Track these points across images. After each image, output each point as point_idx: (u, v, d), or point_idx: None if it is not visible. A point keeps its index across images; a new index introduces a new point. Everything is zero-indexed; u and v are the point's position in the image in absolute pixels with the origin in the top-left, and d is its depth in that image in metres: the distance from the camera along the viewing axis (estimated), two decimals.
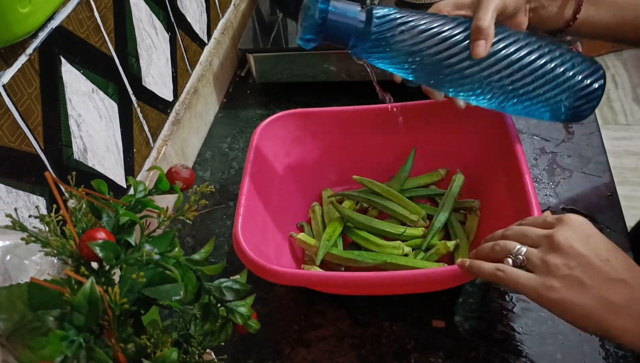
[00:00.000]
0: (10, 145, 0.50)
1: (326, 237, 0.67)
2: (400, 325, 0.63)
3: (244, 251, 0.56)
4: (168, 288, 0.40)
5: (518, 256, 0.47)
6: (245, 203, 0.62)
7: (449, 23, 0.55)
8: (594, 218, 0.69)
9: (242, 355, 0.62)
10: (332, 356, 0.61)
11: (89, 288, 0.35)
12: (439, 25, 0.54)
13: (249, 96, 0.99)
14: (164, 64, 0.79)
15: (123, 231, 0.42)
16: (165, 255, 0.41)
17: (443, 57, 0.55)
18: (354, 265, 0.66)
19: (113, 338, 0.37)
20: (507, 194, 0.63)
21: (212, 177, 0.85)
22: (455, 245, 0.66)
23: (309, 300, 0.66)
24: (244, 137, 0.91)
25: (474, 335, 0.61)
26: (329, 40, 0.55)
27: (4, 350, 0.37)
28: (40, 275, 0.41)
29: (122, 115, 0.68)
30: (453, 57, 0.55)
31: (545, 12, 0.60)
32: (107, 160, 0.65)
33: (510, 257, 0.47)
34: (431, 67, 0.55)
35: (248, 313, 0.45)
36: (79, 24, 0.59)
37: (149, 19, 0.74)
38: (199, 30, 0.91)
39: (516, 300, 0.63)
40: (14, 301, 0.37)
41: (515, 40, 0.56)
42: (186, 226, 0.77)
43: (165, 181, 0.47)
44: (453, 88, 0.58)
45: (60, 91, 0.56)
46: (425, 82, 0.58)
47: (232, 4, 1.05)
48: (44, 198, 0.54)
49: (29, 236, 0.38)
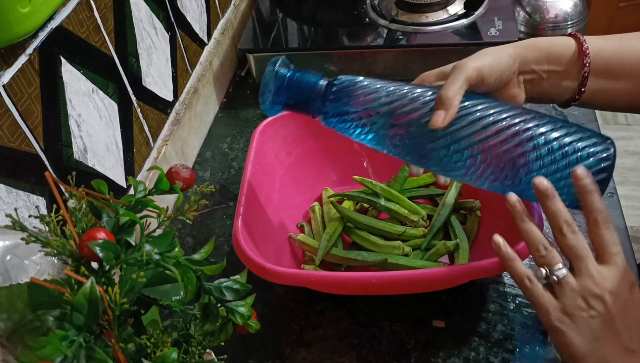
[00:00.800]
0: (10, 145, 0.50)
1: (326, 237, 0.67)
2: (400, 325, 0.63)
3: (244, 251, 0.56)
4: (168, 288, 0.40)
5: (554, 276, 0.45)
6: (245, 203, 0.62)
7: (418, 90, 0.50)
8: None
9: (242, 355, 0.62)
10: (332, 356, 0.61)
11: (89, 288, 0.35)
12: (406, 91, 0.50)
13: (249, 96, 0.99)
14: (164, 64, 0.79)
15: (123, 231, 0.42)
16: (165, 255, 0.41)
17: (405, 124, 0.50)
18: (354, 265, 0.66)
19: (113, 338, 0.37)
20: None
21: (212, 177, 0.85)
22: (455, 245, 0.66)
23: (309, 300, 0.66)
24: (244, 137, 0.91)
25: (474, 335, 0.61)
26: (290, 107, 0.54)
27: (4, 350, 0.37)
28: (40, 275, 0.41)
29: (122, 115, 0.68)
30: (412, 126, 0.49)
31: (547, 84, 0.54)
32: (107, 160, 0.65)
33: (545, 269, 0.45)
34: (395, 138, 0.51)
35: (248, 313, 0.45)
36: (79, 24, 0.59)
37: (149, 19, 0.74)
38: (199, 30, 0.91)
39: (516, 300, 0.63)
40: (14, 301, 0.37)
41: (495, 112, 0.49)
42: (186, 226, 0.77)
43: (165, 181, 0.47)
44: (418, 161, 0.52)
45: (60, 91, 0.56)
46: (391, 153, 0.53)
47: (232, 4, 1.05)
48: (44, 198, 0.54)
49: (29, 236, 0.38)
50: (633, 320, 0.43)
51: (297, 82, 0.52)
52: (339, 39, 0.96)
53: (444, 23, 0.92)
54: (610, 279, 0.44)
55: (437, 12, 0.94)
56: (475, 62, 0.50)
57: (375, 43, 0.92)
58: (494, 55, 0.52)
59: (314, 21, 1.04)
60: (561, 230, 0.45)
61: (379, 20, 0.95)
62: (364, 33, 0.95)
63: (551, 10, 1.00)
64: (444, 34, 0.90)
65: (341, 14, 1.02)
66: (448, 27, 0.91)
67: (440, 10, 0.94)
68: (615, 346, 0.43)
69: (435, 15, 0.93)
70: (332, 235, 0.68)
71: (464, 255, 0.65)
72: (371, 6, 0.99)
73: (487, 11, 0.93)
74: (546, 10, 1.00)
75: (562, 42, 0.53)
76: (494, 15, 0.91)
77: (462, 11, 0.94)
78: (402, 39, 0.91)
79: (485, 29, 0.89)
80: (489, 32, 0.88)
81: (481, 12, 0.92)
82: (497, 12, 0.92)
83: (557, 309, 0.44)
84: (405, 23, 0.93)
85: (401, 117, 0.50)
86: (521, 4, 1.01)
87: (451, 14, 0.93)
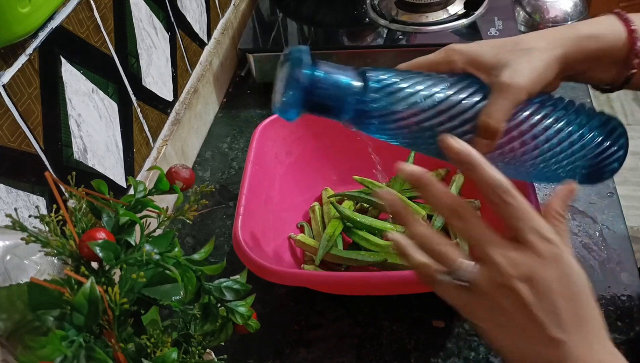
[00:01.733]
0: (10, 145, 0.50)
1: (326, 237, 0.67)
2: (400, 325, 0.63)
3: (244, 251, 0.56)
4: (168, 288, 0.40)
5: (457, 279, 0.38)
6: (245, 203, 0.62)
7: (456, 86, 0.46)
8: (594, 218, 0.69)
9: (242, 355, 0.62)
10: (332, 356, 0.61)
11: (89, 288, 0.35)
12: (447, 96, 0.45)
13: (249, 96, 0.99)
14: (164, 64, 0.79)
15: (123, 231, 0.42)
16: (165, 255, 0.41)
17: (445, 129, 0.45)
18: (354, 264, 0.66)
19: (113, 338, 0.37)
20: None
21: (212, 177, 0.85)
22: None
23: (309, 300, 0.66)
24: (244, 137, 0.91)
25: (474, 335, 0.61)
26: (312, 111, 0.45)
27: (4, 350, 0.37)
28: (40, 275, 0.41)
29: (122, 115, 0.68)
30: (457, 129, 0.45)
31: (587, 76, 0.50)
32: (107, 160, 0.65)
33: (445, 276, 0.39)
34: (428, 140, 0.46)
35: (248, 313, 0.45)
36: (79, 24, 0.59)
37: (149, 19, 0.74)
38: (199, 30, 0.91)
39: None
40: (14, 301, 0.37)
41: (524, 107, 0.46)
42: (186, 226, 0.77)
43: (165, 181, 0.47)
44: None
45: (60, 90, 0.56)
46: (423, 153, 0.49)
47: (232, 4, 1.05)
48: (44, 198, 0.54)
49: (29, 236, 0.38)
50: (560, 301, 0.36)
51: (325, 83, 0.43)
52: (339, 39, 0.96)
53: (444, 23, 0.92)
54: (521, 262, 0.37)
55: (437, 12, 0.94)
56: (526, 79, 0.44)
57: (375, 43, 0.92)
58: (544, 64, 0.45)
59: (314, 21, 1.04)
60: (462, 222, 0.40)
61: (379, 20, 0.95)
62: (364, 33, 0.95)
63: (551, 10, 1.00)
64: (444, 34, 0.90)
65: (341, 14, 1.02)
66: (448, 27, 0.91)
67: (440, 10, 0.94)
68: (537, 341, 0.36)
69: (435, 15, 0.93)
70: (331, 235, 0.68)
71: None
72: (371, 6, 0.99)
73: (487, 11, 0.93)
74: (546, 10, 1.00)
75: (612, 34, 0.47)
76: (494, 15, 0.91)
77: (462, 11, 0.94)
78: (402, 39, 0.91)
79: (485, 29, 0.89)
80: (489, 32, 0.88)
81: (481, 12, 0.92)
82: (497, 12, 0.92)
83: (470, 300, 0.39)
84: (405, 23, 0.93)
85: (441, 128, 0.45)
86: (521, 3, 1.01)
87: (451, 13, 0.93)
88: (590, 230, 0.68)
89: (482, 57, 0.47)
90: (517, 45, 0.46)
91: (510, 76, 0.44)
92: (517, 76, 0.44)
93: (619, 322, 0.59)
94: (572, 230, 0.69)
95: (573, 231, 0.68)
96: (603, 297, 0.61)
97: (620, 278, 0.63)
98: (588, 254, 0.66)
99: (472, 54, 0.48)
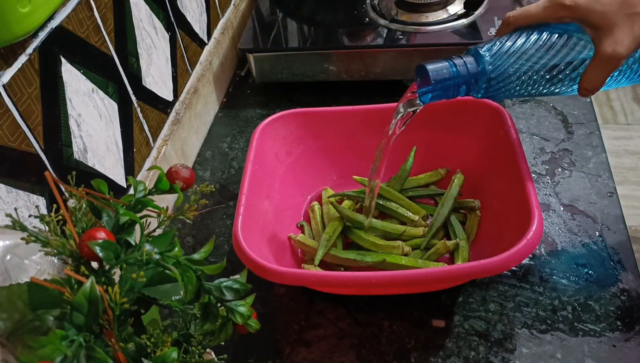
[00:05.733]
0: (10, 145, 0.50)
1: (326, 237, 0.67)
2: (400, 325, 0.63)
3: (244, 251, 0.56)
4: (168, 287, 0.40)
5: None
6: (245, 203, 0.62)
7: (554, 37, 0.53)
8: (594, 218, 0.69)
9: (242, 355, 0.62)
10: (332, 356, 0.61)
11: (89, 287, 0.35)
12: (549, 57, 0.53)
13: (249, 95, 0.99)
14: (164, 63, 0.79)
15: (123, 231, 0.42)
16: (165, 255, 0.41)
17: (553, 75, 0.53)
18: (354, 265, 0.66)
19: (113, 338, 0.37)
20: (507, 194, 0.63)
21: (212, 177, 0.85)
22: (455, 245, 0.66)
23: (309, 300, 0.66)
24: (244, 137, 0.91)
25: (474, 335, 0.61)
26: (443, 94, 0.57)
27: (4, 350, 0.37)
28: (40, 275, 0.41)
29: (122, 115, 0.68)
30: (561, 73, 0.53)
31: None
32: (107, 160, 0.65)
33: None
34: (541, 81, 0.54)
35: (248, 313, 0.45)
36: (79, 23, 0.59)
37: (149, 18, 0.74)
38: (199, 30, 0.91)
39: (516, 300, 0.63)
40: (14, 301, 0.37)
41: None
42: (186, 226, 0.77)
43: (165, 180, 0.47)
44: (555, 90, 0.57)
45: (60, 90, 0.56)
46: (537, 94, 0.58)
47: (232, 4, 1.05)
48: (44, 197, 0.54)
49: (29, 236, 0.38)
50: None
51: (447, 75, 0.56)
52: (338, 38, 0.96)
53: (444, 23, 0.92)
54: None
55: (437, 11, 0.94)
56: (626, 49, 0.48)
57: (375, 43, 0.92)
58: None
59: (314, 21, 1.04)
60: None
61: (379, 20, 0.95)
62: (363, 33, 0.95)
63: None
64: (443, 33, 0.90)
65: (341, 14, 1.02)
66: (448, 27, 0.91)
67: (440, 10, 0.94)
68: None
69: (435, 15, 0.93)
70: (331, 234, 0.68)
71: (464, 255, 0.65)
72: (371, 6, 0.99)
73: (487, 11, 0.93)
74: None
75: None
76: (494, 15, 0.91)
77: (462, 11, 0.94)
78: (402, 38, 0.91)
79: (485, 28, 0.89)
80: (489, 31, 0.88)
81: (481, 12, 0.92)
82: (497, 12, 0.92)
83: None
84: (405, 23, 0.93)
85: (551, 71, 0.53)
86: (521, 3, 1.01)
87: (451, 13, 0.93)
88: (590, 230, 0.68)
89: (588, 16, 0.49)
90: (624, 7, 0.48)
91: (612, 47, 0.47)
92: (619, 46, 0.47)
93: (619, 322, 0.59)
94: (572, 230, 0.69)
95: (573, 231, 0.68)
96: (603, 297, 0.61)
97: (620, 278, 0.63)
98: (588, 254, 0.66)
99: (580, 11, 0.50)
